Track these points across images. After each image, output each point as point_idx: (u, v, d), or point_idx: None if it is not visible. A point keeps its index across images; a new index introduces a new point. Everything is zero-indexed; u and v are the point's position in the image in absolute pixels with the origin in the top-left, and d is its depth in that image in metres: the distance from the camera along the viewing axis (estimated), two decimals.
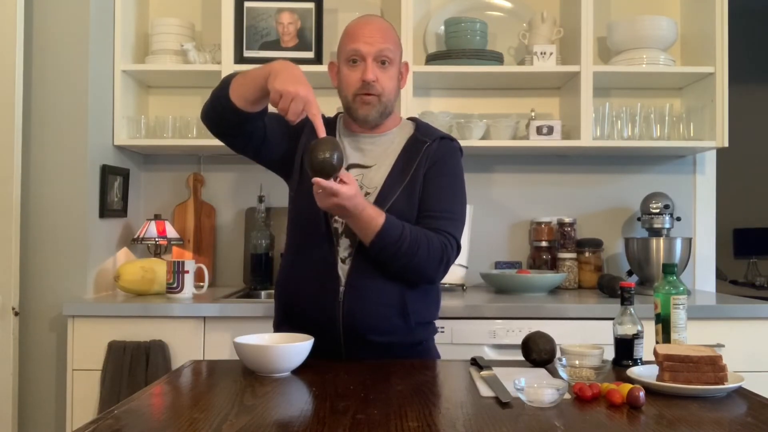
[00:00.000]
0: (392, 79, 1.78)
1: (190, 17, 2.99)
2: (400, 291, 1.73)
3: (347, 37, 1.78)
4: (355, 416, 1.19)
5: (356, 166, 1.79)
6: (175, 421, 1.18)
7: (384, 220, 1.64)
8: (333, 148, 1.53)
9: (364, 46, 1.73)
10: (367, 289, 1.71)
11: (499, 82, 2.96)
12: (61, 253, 2.54)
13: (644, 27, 2.80)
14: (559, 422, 1.17)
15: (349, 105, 1.79)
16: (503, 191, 3.08)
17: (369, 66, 1.73)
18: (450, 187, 1.80)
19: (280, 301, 1.84)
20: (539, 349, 1.59)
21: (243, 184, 3.05)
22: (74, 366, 2.40)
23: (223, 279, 3.05)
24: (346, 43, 1.78)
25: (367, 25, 1.77)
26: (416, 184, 1.76)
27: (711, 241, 3.08)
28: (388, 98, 1.77)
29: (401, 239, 1.65)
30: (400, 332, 1.74)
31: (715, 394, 1.35)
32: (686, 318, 1.63)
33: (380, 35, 1.75)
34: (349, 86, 1.76)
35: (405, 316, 1.74)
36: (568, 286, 2.90)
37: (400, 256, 1.67)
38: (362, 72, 1.74)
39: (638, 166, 3.08)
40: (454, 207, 1.79)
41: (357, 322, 1.70)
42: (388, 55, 1.75)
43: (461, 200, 1.83)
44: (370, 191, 1.75)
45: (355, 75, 1.75)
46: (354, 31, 1.77)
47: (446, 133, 1.89)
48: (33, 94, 2.55)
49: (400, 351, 1.74)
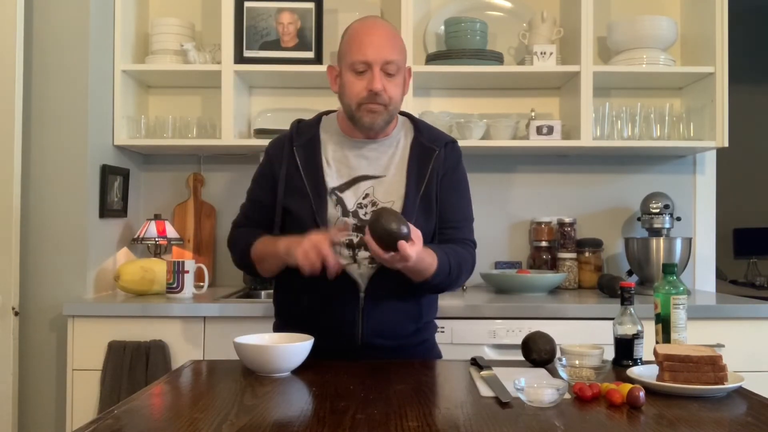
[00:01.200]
0: (398, 87, 1.73)
1: (190, 17, 2.99)
2: (415, 293, 1.74)
3: (352, 43, 1.71)
4: (355, 416, 1.19)
5: (366, 178, 1.74)
6: (175, 421, 1.18)
7: (437, 262, 1.65)
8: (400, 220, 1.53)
9: (372, 56, 1.67)
10: (386, 297, 1.71)
11: (499, 82, 2.95)
12: (61, 253, 2.54)
13: (644, 27, 2.80)
14: (559, 422, 1.17)
15: (352, 113, 1.73)
16: (503, 191, 3.08)
17: (377, 76, 1.67)
18: (463, 194, 1.84)
19: (286, 309, 1.83)
20: (539, 349, 1.59)
21: (243, 184, 3.00)
22: (74, 366, 2.40)
23: (223, 279, 3.05)
24: (351, 50, 1.70)
25: (373, 33, 1.71)
26: (431, 196, 1.75)
27: (711, 241, 3.08)
28: (394, 107, 1.74)
29: (450, 272, 1.69)
30: (411, 334, 1.76)
31: (715, 394, 1.35)
32: (686, 318, 1.63)
33: (388, 43, 1.70)
34: (354, 95, 1.70)
35: (418, 319, 1.76)
36: (568, 286, 2.90)
37: (448, 285, 1.74)
38: (369, 82, 1.68)
39: (638, 166, 3.08)
40: (468, 212, 1.85)
41: (377, 330, 1.70)
42: (396, 64, 1.70)
43: (470, 201, 1.87)
44: (385, 205, 1.71)
45: (360, 84, 1.69)
46: (360, 38, 1.70)
47: (447, 134, 1.88)
48: (33, 94, 2.55)
49: (409, 351, 1.75)
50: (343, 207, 1.72)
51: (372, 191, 1.73)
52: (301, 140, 1.78)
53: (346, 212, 1.71)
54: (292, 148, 1.76)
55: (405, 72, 1.78)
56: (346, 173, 1.75)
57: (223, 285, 3.01)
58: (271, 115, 2.99)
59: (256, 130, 2.90)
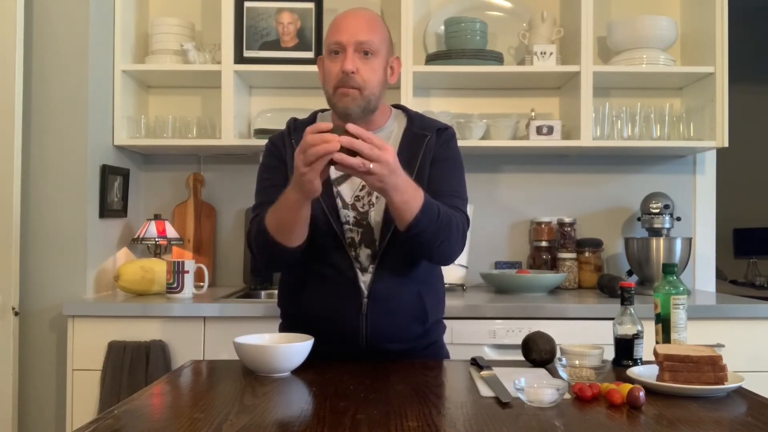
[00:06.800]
0: (375, 72, 1.67)
1: (190, 17, 2.99)
2: (419, 294, 1.72)
3: (331, 28, 1.71)
4: (355, 416, 1.19)
5: None
6: (175, 421, 1.18)
7: (423, 199, 1.56)
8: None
9: (345, 37, 1.65)
10: (389, 299, 1.68)
11: (499, 82, 2.95)
12: (61, 253, 2.54)
13: (644, 27, 2.80)
14: (559, 422, 1.17)
15: (330, 98, 1.71)
16: (503, 191, 3.08)
17: (349, 56, 1.64)
18: (454, 169, 1.77)
19: (290, 312, 1.81)
20: (539, 349, 1.59)
21: (243, 184, 3.04)
22: (74, 366, 2.40)
23: (223, 279, 3.05)
24: (329, 35, 1.71)
25: (351, 17, 1.70)
26: (423, 180, 1.70)
27: (711, 241, 3.08)
28: (371, 92, 1.67)
29: (439, 218, 1.58)
30: (419, 337, 1.75)
31: (715, 394, 1.35)
32: (686, 318, 1.63)
33: (364, 26, 1.68)
34: (330, 79, 1.68)
35: (424, 320, 1.73)
36: (568, 286, 2.90)
37: (436, 236, 1.60)
38: (342, 62, 1.65)
39: (638, 166, 3.08)
40: (460, 187, 1.77)
41: (381, 334, 1.68)
42: (370, 46, 1.66)
43: (464, 181, 1.80)
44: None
45: (335, 66, 1.66)
46: (338, 22, 1.70)
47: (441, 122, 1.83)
48: (33, 94, 2.55)
49: (417, 354, 1.74)
50: (342, 200, 1.71)
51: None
52: (299, 135, 1.76)
53: (345, 205, 1.70)
54: (291, 141, 1.76)
55: (390, 61, 1.74)
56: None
57: (223, 285, 3.01)
58: (271, 115, 2.99)
59: (256, 130, 2.90)
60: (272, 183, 1.74)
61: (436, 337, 1.83)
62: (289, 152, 1.74)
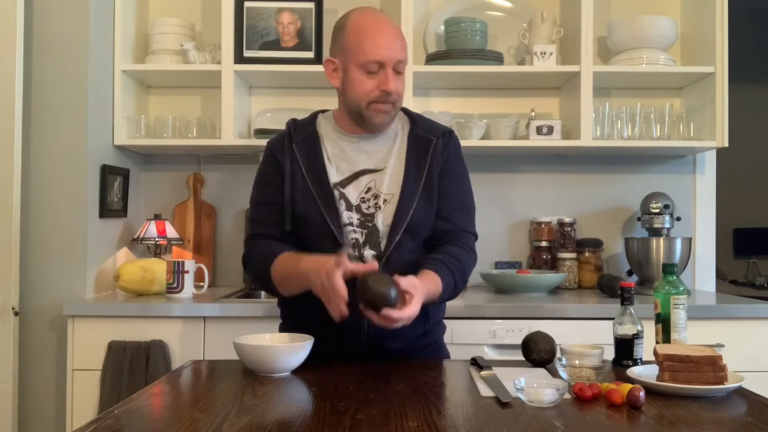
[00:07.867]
0: (404, 84, 1.76)
1: (190, 17, 2.99)
2: None
3: (364, 40, 1.67)
4: (355, 416, 1.19)
5: (367, 172, 1.74)
6: (175, 421, 1.18)
7: (442, 284, 1.65)
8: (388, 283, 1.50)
9: (387, 56, 1.66)
10: None
11: (499, 82, 2.95)
12: (61, 253, 2.54)
13: (644, 27, 2.80)
14: (559, 422, 1.17)
15: (360, 111, 1.71)
16: (503, 191, 3.08)
17: (390, 77, 1.67)
18: (462, 185, 1.82)
19: (290, 312, 1.81)
20: (539, 349, 1.59)
21: (243, 184, 3.03)
22: (74, 366, 2.40)
23: (223, 279, 3.05)
24: (362, 47, 1.67)
25: (384, 31, 1.69)
26: (432, 187, 1.74)
27: (711, 241, 3.08)
28: (400, 103, 1.76)
29: (456, 286, 1.71)
30: (420, 337, 1.76)
31: (715, 394, 1.35)
32: (686, 318, 1.63)
33: (399, 41, 1.70)
34: (364, 94, 1.69)
35: (426, 321, 1.74)
36: (568, 286, 2.90)
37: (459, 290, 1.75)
38: (381, 82, 1.67)
39: (638, 166, 3.08)
40: (467, 203, 1.82)
41: (383, 336, 1.68)
42: (404, 62, 1.72)
43: (471, 190, 1.86)
44: (387, 197, 1.71)
45: (372, 83, 1.68)
46: (371, 35, 1.68)
47: (443, 125, 1.86)
48: (33, 94, 2.55)
49: (417, 353, 1.75)
50: (347, 202, 1.71)
51: (374, 184, 1.73)
52: (300, 137, 1.77)
53: (350, 207, 1.71)
54: (291, 144, 1.76)
55: None
56: (346, 168, 1.74)
57: (223, 285, 3.01)
58: (271, 115, 2.99)
59: (256, 130, 2.90)
60: (270, 200, 1.76)
61: (437, 337, 1.85)
62: (288, 157, 1.75)
